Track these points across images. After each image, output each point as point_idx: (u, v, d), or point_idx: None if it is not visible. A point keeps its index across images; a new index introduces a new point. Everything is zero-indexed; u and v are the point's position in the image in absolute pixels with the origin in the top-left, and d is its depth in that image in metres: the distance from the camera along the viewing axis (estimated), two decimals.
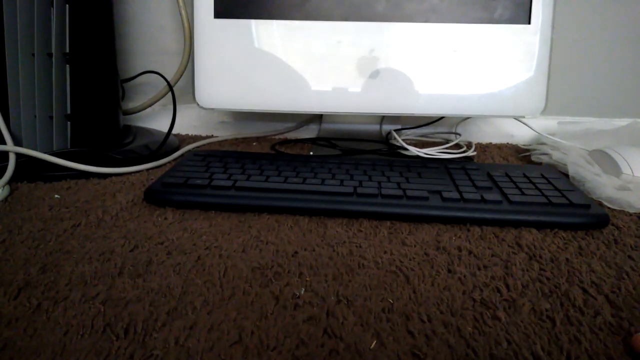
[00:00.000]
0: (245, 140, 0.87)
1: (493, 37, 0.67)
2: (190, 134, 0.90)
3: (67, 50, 0.65)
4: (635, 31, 0.87)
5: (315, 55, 0.68)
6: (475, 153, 0.77)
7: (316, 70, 0.69)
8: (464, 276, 0.42)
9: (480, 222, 0.52)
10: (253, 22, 0.68)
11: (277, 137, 0.90)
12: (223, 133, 0.90)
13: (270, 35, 0.68)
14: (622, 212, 0.57)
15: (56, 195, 0.58)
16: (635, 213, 0.56)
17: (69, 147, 0.67)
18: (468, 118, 0.88)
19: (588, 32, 0.87)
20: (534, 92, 0.69)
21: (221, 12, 0.68)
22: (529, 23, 0.67)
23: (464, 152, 0.75)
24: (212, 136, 0.88)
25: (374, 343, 0.34)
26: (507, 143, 0.89)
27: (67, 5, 0.64)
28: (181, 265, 0.42)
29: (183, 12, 0.78)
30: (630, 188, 0.61)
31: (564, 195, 0.54)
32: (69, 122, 0.67)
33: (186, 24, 0.79)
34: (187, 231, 0.49)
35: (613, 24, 0.86)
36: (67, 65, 0.66)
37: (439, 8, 0.67)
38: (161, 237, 0.47)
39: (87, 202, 0.56)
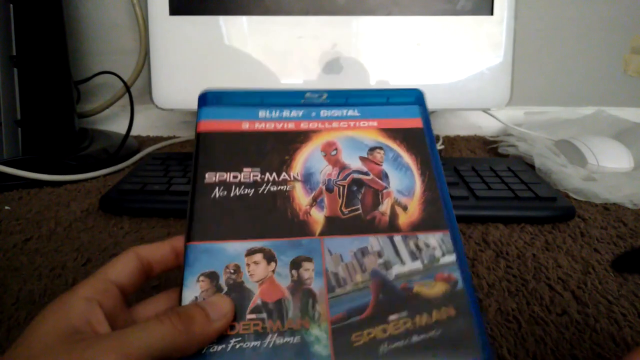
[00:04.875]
0: None
1: (456, 29, 0.66)
2: (151, 135, 0.88)
3: (14, 53, 0.62)
4: (599, 19, 0.87)
5: (277, 51, 0.66)
6: (443, 147, 0.76)
7: (278, 66, 0.67)
8: None
9: None
10: (210, 19, 0.65)
11: None
12: (185, 133, 0.88)
13: (229, 31, 0.66)
14: (588, 203, 0.57)
15: (6, 207, 0.55)
16: (600, 204, 0.56)
17: (20, 154, 0.64)
18: (434, 111, 0.88)
19: (551, 22, 0.87)
20: (499, 83, 0.68)
21: (177, 8, 0.65)
22: (492, 14, 0.66)
23: None
24: (174, 137, 0.85)
25: None
26: (475, 135, 0.89)
27: (11, 5, 0.61)
28: None
29: (137, 9, 0.75)
30: (596, 178, 0.61)
31: (530, 189, 0.54)
32: (19, 129, 0.64)
33: (141, 22, 0.76)
34: (144, 241, 0.47)
35: (576, 12, 0.87)
36: (15, 69, 0.62)
37: (401, 1, 0.66)
38: (116, 249, 0.45)
39: (39, 213, 0.53)
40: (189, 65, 0.66)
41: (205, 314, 0.24)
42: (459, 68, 0.67)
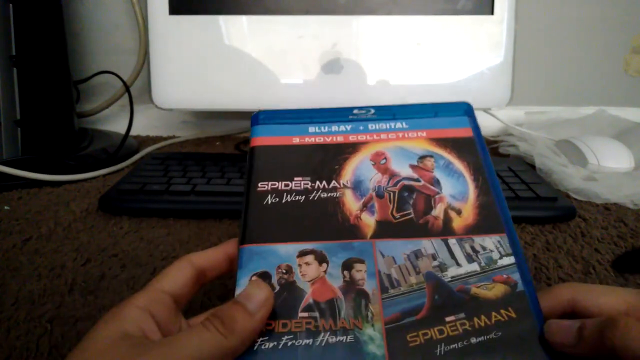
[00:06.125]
0: (208, 140, 0.84)
1: (457, 29, 0.66)
2: (150, 135, 0.87)
3: (14, 53, 0.62)
4: (599, 19, 0.87)
5: (277, 50, 0.66)
6: None
7: (278, 66, 0.67)
8: None
9: None
10: (210, 18, 0.65)
11: (241, 135, 0.87)
12: (185, 133, 0.88)
13: (229, 31, 0.66)
14: (589, 203, 0.57)
15: (6, 207, 0.54)
16: (601, 204, 0.56)
17: (19, 154, 0.64)
18: None
19: (552, 22, 0.87)
20: (499, 83, 0.68)
21: (176, 8, 0.65)
22: (492, 13, 0.66)
23: None
24: (173, 137, 0.85)
25: None
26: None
27: (11, 5, 0.61)
28: (135, 279, 0.40)
29: (137, 9, 0.75)
30: (597, 178, 0.61)
31: (530, 189, 0.54)
32: (19, 129, 0.64)
33: (141, 22, 0.76)
34: (143, 241, 0.46)
35: (577, 12, 0.86)
36: (14, 69, 0.62)
37: (401, 0, 0.66)
38: (115, 249, 0.45)
39: (39, 213, 0.53)
40: (189, 65, 0.66)
41: (244, 309, 0.24)
42: (460, 68, 0.67)
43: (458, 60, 0.67)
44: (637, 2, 0.86)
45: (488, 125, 0.88)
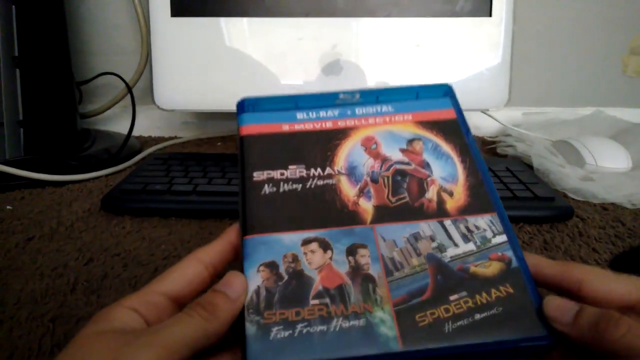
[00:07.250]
0: (210, 140, 0.85)
1: (455, 31, 0.67)
2: (152, 136, 0.88)
3: (16, 54, 0.63)
4: (597, 20, 0.87)
5: (277, 52, 0.67)
6: None
7: (278, 67, 0.67)
8: None
9: None
10: (211, 20, 0.66)
11: None
12: (187, 134, 0.88)
13: (230, 33, 0.66)
14: (587, 202, 0.57)
15: (8, 207, 0.55)
16: (599, 203, 0.57)
17: (22, 154, 0.64)
18: None
19: (550, 23, 0.87)
20: (497, 84, 0.68)
21: (178, 10, 0.65)
22: (490, 15, 0.67)
23: None
24: (175, 137, 0.86)
25: None
26: (474, 135, 0.89)
27: (13, 6, 0.61)
28: (137, 279, 0.41)
29: (139, 10, 0.75)
30: (594, 178, 0.61)
31: (528, 189, 0.54)
32: (21, 129, 0.64)
33: (142, 23, 0.76)
34: (145, 240, 0.47)
35: (575, 13, 0.87)
36: (17, 70, 0.63)
37: (400, 2, 0.66)
38: (118, 248, 0.46)
39: (41, 213, 0.53)
40: (190, 66, 0.66)
41: (225, 296, 0.25)
42: (458, 69, 0.67)
43: (456, 62, 0.67)
44: (636, 2, 0.87)
45: (486, 125, 0.89)
